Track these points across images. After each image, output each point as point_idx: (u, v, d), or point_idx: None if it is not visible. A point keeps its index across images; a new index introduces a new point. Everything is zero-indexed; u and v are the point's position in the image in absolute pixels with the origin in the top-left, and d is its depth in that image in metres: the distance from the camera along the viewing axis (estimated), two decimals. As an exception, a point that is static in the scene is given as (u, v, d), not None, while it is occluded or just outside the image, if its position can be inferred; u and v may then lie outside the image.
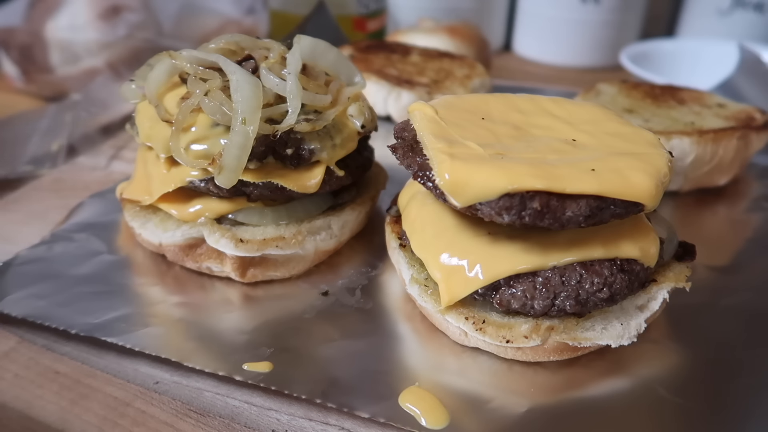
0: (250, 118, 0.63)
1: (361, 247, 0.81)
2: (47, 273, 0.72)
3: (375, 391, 0.58)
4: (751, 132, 0.94)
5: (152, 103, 0.69)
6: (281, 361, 0.61)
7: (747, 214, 0.92)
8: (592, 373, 0.61)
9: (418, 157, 0.58)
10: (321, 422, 0.57)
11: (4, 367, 0.62)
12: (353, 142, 0.74)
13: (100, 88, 1.24)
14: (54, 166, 1.02)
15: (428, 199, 0.67)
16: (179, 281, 0.73)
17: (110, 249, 0.78)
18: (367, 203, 0.80)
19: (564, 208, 0.52)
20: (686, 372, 0.62)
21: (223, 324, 0.67)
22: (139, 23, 1.33)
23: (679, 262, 0.65)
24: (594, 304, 0.57)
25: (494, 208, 0.53)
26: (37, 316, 0.65)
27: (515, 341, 0.58)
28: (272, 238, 0.70)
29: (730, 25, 1.65)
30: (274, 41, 0.77)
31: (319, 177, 0.70)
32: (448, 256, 0.60)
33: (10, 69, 1.35)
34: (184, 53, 0.70)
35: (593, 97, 1.07)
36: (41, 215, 0.87)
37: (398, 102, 1.15)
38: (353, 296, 0.71)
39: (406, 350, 0.64)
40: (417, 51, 1.35)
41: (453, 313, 0.61)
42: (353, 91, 0.74)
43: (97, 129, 1.14)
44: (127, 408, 0.58)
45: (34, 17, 1.33)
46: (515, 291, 0.57)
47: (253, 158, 0.66)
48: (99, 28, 1.29)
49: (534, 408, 0.57)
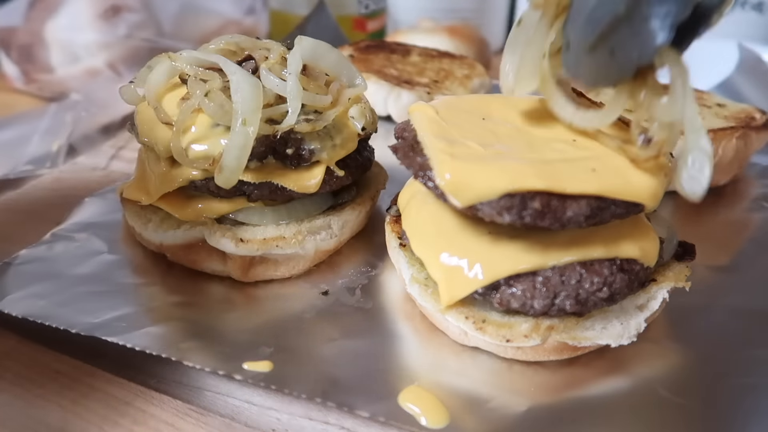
0: (251, 118, 0.63)
1: (361, 246, 0.81)
2: (47, 273, 0.72)
3: (375, 391, 0.58)
4: (751, 132, 0.94)
5: (152, 105, 0.69)
6: (281, 360, 0.61)
7: (747, 213, 0.92)
8: (592, 373, 0.62)
9: (419, 157, 0.59)
10: (321, 421, 0.57)
11: (4, 366, 0.62)
12: (353, 143, 0.74)
13: (100, 88, 1.24)
14: (54, 166, 1.02)
15: (428, 198, 0.67)
16: (179, 281, 0.73)
17: (110, 249, 0.78)
18: (367, 203, 0.81)
19: (564, 208, 0.52)
20: (686, 371, 0.62)
21: (223, 323, 0.67)
22: (139, 23, 1.33)
23: (678, 261, 0.65)
24: (594, 303, 0.57)
25: (495, 208, 0.53)
26: (37, 316, 0.65)
27: (515, 340, 0.59)
28: (272, 238, 0.70)
29: (730, 25, 1.65)
30: (274, 42, 0.77)
31: (319, 177, 0.70)
32: (448, 255, 0.60)
33: (10, 69, 1.35)
34: (184, 54, 0.70)
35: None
36: (41, 215, 0.87)
37: (398, 102, 1.15)
38: (353, 296, 0.72)
39: (406, 350, 0.64)
40: (417, 51, 1.35)
41: (453, 312, 0.61)
42: (354, 93, 0.74)
43: (97, 129, 1.14)
44: (128, 407, 0.58)
45: (34, 17, 1.33)
46: (515, 290, 0.57)
47: (253, 158, 0.66)
48: (99, 28, 1.29)
49: (534, 407, 0.57)
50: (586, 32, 0.53)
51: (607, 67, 0.53)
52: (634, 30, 0.49)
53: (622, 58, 0.51)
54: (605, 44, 0.52)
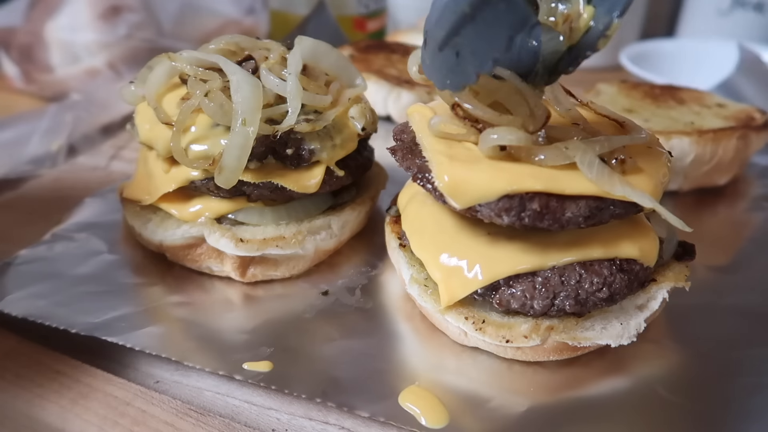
0: (250, 118, 0.63)
1: (361, 246, 0.81)
2: (47, 273, 0.72)
3: (375, 391, 0.58)
4: (751, 132, 0.94)
5: (151, 105, 0.69)
6: (281, 360, 0.61)
7: (747, 213, 0.93)
8: (591, 373, 0.62)
9: (418, 158, 0.59)
10: (321, 421, 0.57)
11: (4, 366, 0.62)
12: (353, 143, 0.74)
13: (100, 88, 1.24)
14: (54, 166, 1.03)
15: (428, 199, 0.67)
16: (179, 281, 0.73)
17: (110, 249, 0.78)
18: (367, 203, 0.81)
19: (563, 209, 0.52)
20: (686, 371, 0.62)
21: (223, 323, 0.67)
22: (139, 23, 1.33)
23: (678, 261, 0.65)
24: (593, 303, 0.57)
25: (494, 210, 0.53)
26: (37, 316, 0.65)
27: (515, 341, 0.59)
28: (272, 238, 0.70)
29: (730, 25, 1.65)
30: (274, 42, 0.77)
31: (319, 177, 0.70)
32: (447, 256, 0.60)
33: (10, 69, 1.35)
34: (184, 54, 0.70)
35: (593, 97, 1.07)
36: (41, 215, 0.87)
37: (398, 102, 1.15)
38: (353, 296, 0.72)
39: (405, 350, 0.64)
40: (417, 51, 1.35)
41: (453, 312, 0.61)
42: (354, 93, 0.74)
43: (97, 129, 1.14)
44: (128, 407, 0.58)
45: (34, 17, 1.33)
46: (515, 291, 0.57)
47: (253, 158, 0.66)
48: (99, 28, 1.29)
49: (533, 407, 0.57)
50: (438, 29, 0.51)
51: (452, 68, 0.51)
52: (478, 33, 0.48)
53: (465, 62, 0.50)
54: (452, 44, 0.50)
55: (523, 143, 0.52)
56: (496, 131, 0.53)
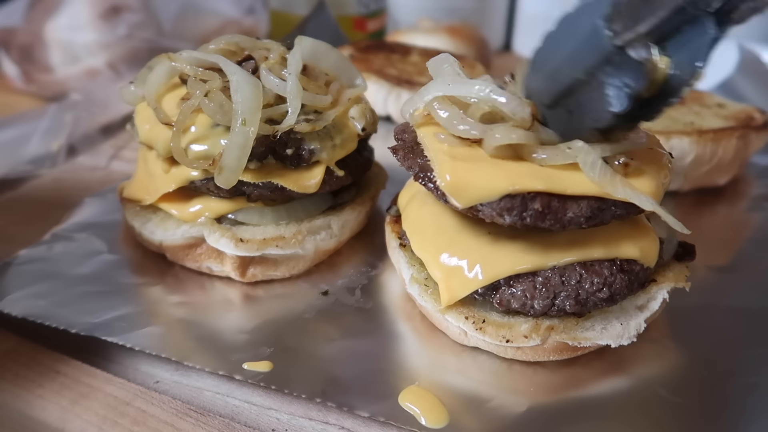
0: (250, 118, 0.63)
1: (361, 246, 0.81)
2: (47, 273, 0.72)
3: (375, 391, 0.58)
4: (751, 132, 0.94)
5: (151, 105, 0.69)
6: (281, 360, 0.61)
7: (747, 213, 0.93)
8: (591, 373, 0.62)
9: (419, 158, 0.59)
10: (321, 421, 0.57)
11: (4, 366, 0.62)
12: (353, 143, 0.74)
13: (100, 88, 1.24)
14: (54, 166, 1.02)
15: (428, 199, 0.67)
16: (179, 281, 0.73)
17: (110, 249, 0.78)
18: (367, 203, 0.81)
19: (565, 209, 0.52)
20: (686, 372, 0.62)
21: (223, 323, 0.67)
22: (139, 23, 1.32)
23: (678, 262, 0.65)
24: (594, 304, 0.57)
25: (495, 209, 0.53)
26: (37, 316, 0.65)
27: (515, 341, 0.59)
28: (272, 238, 0.70)
29: (730, 25, 1.65)
30: (274, 42, 0.77)
31: (319, 177, 0.70)
32: (448, 255, 0.60)
33: (10, 69, 1.35)
34: (183, 54, 0.70)
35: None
36: (41, 215, 0.87)
37: (398, 102, 1.15)
38: (353, 296, 0.72)
39: (405, 349, 0.64)
40: (417, 51, 1.35)
41: (453, 312, 0.61)
42: (354, 93, 0.74)
43: (97, 129, 1.14)
44: (127, 407, 0.58)
45: (34, 17, 1.33)
46: (515, 291, 0.57)
47: (253, 158, 0.66)
48: (99, 28, 1.29)
49: (533, 407, 0.57)
50: (547, 89, 0.54)
51: (565, 123, 0.54)
52: (591, 95, 0.50)
53: (578, 119, 0.52)
54: (564, 105, 0.53)
55: (524, 141, 0.53)
56: (499, 130, 0.53)
